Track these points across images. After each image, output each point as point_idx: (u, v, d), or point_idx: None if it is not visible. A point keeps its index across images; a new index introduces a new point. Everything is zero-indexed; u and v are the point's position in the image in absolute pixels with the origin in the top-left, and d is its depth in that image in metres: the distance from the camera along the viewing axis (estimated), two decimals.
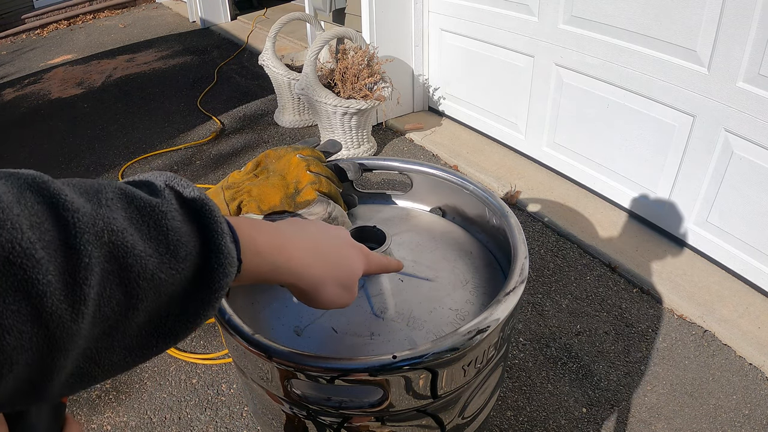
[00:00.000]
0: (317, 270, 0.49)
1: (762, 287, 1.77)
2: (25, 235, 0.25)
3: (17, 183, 0.27)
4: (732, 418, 1.44)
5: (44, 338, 0.26)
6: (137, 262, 0.30)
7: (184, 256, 0.33)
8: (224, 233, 0.36)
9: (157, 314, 0.33)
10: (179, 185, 0.36)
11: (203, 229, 0.35)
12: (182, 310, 0.34)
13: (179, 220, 0.34)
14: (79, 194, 0.30)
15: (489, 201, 0.82)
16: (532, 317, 1.76)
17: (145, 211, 0.32)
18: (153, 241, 0.32)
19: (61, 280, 0.26)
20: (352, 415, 0.62)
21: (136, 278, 0.30)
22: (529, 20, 2.28)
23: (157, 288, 0.32)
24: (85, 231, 0.28)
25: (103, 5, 6.01)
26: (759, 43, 1.55)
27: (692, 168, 1.87)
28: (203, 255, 0.35)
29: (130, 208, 0.32)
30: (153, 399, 1.55)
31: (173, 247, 0.33)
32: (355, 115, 2.49)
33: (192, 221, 0.35)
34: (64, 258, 0.27)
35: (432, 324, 0.67)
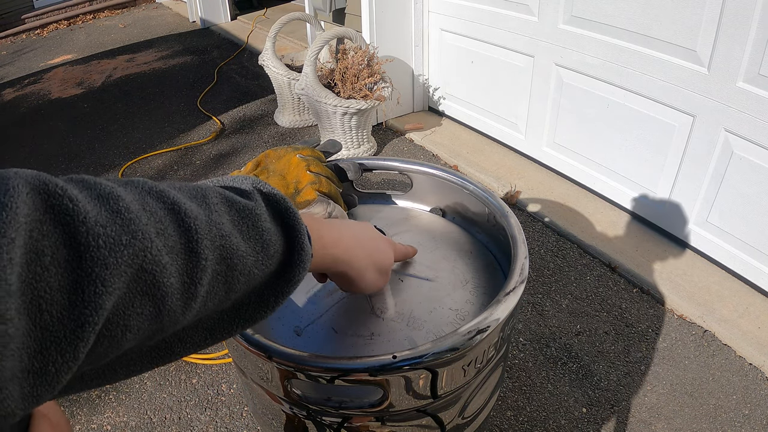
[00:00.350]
0: (363, 259, 0.55)
1: (762, 287, 1.77)
2: (154, 243, 0.27)
3: (137, 190, 0.30)
4: (732, 418, 1.44)
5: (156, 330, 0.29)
6: (240, 261, 0.34)
7: (273, 253, 0.37)
8: (304, 233, 0.40)
9: (240, 302, 0.36)
10: (265, 188, 0.40)
11: (287, 228, 0.40)
12: (261, 299, 0.38)
13: (269, 221, 0.38)
14: (191, 199, 0.33)
15: (489, 201, 0.82)
16: (532, 317, 1.76)
17: (244, 214, 0.36)
18: (251, 241, 0.35)
19: (180, 280, 0.29)
20: (352, 415, 0.62)
21: (238, 275, 0.34)
22: (529, 20, 2.28)
23: (249, 282, 0.35)
24: (204, 236, 0.31)
25: (103, 5, 6.01)
26: (759, 43, 1.55)
27: (692, 168, 1.87)
28: (287, 251, 0.39)
29: (232, 212, 0.35)
30: (153, 399, 1.55)
31: (266, 246, 0.37)
32: (355, 115, 2.49)
33: (278, 221, 0.39)
34: (184, 261, 0.29)
35: (432, 324, 0.67)
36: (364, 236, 0.57)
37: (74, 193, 0.25)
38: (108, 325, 0.25)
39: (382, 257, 0.59)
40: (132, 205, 0.27)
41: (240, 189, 0.39)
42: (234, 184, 0.40)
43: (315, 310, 0.69)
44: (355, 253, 0.53)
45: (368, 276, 0.56)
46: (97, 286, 0.24)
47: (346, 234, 0.53)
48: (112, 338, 0.25)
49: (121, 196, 0.27)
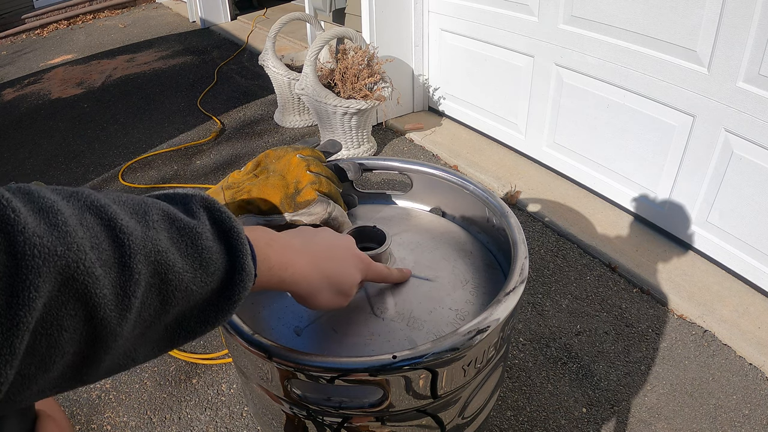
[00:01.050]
0: (315, 280, 0.55)
1: (762, 287, 1.77)
2: (88, 256, 0.30)
3: (78, 205, 0.32)
4: (732, 418, 1.44)
5: (93, 336, 0.31)
6: (176, 277, 0.35)
7: (213, 271, 0.39)
8: (247, 253, 0.41)
9: (182, 316, 0.38)
10: (213, 207, 0.42)
11: (230, 248, 0.41)
12: (203, 315, 0.40)
13: (211, 240, 0.39)
14: (130, 215, 0.34)
15: (489, 201, 0.82)
16: (532, 317, 1.76)
17: (184, 232, 0.37)
18: (189, 259, 0.37)
19: (114, 292, 0.31)
20: (352, 415, 0.62)
21: (173, 290, 0.35)
22: (529, 20, 2.28)
23: (188, 297, 0.37)
24: (138, 252, 0.33)
25: (103, 5, 6.01)
26: (759, 43, 1.55)
27: (692, 168, 1.87)
28: (228, 271, 0.40)
29: (172, 229, 0.37)
30: (153, 399, 1.55)
31: (205, 264, 0.38)
32: (355, 115, 2.49)
33: (221, 240, 0.41)
34: (117, 274, 0.32)
35: (432, 324, 0.67)
36: (329, 255, 0.57)
37: (17, 204, 0.27)
38: (43, 323, 0.28)
39: (342, 279, 0.58)
40: (70, 219, 0.30)
41: (187, 206, 0.41)
42: (183, 201, 0.41)
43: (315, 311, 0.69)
44: (306, 274, 0.53)
45: (321, 297, 0.56)
46: (30, 291, 0.26)
47: (304, 254, 0.53)
48: (49, 336, 0.28)
49: (60, 210, 0.30)
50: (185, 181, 2.60)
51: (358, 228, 0.77)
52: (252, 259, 0.43)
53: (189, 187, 2.55)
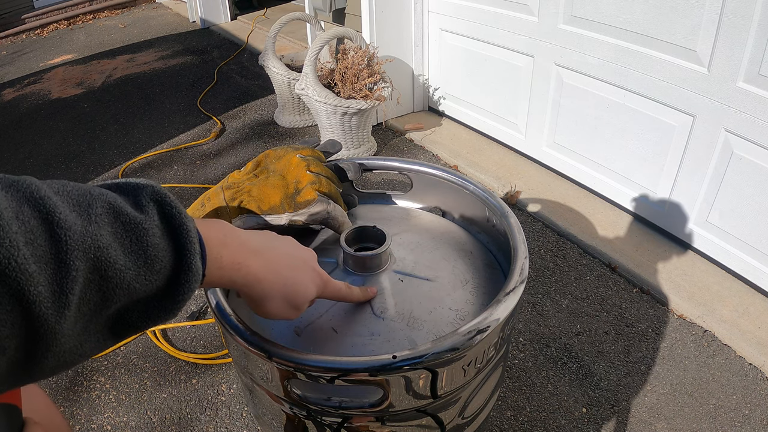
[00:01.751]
0: (267, 285, 0.52)
1: (762, 287, 1.77)
2: (21, 252, 0.28)
3: (17, 196, 0.31)
4: (732, 418, 1.44)
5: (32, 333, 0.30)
6: (117, 275, 0.34)
7: (159, 269, 0.37)
8: (195, 252, 0.40)
9: (125, 311, 0.37)
10: (164, 201, 0.40)
11: (179, 246, 0.39)
12: (146, 312, 0.38)
13: (159, 236, 0.38)
14: (71, 208, 0.33)
15: (489, 201, 0.82)
16: (532, 317, 1.76)
17: (129, 227, 0.36)
18: (133, 256, 0.35)
19: (50, 289, 0.30)
20: (352, 415, 0.62)
21: (114, 287, 0.34)
22: (529, 20, 2.28)
23: (130, 294, 0.36)
24: (75, 248, 0.31)
25: (103, 5, 6.01)
26: (759, 43, 1.55)
27: (692, 168, 1.87)
28: (175, 269, 0.39)
29: (116, 224, 0.35)
30: (153, 399, 1.55)
31: (150, 262, 0.36)
32: (355, 115, 2.49)
33: (170, 237, 0.39)
34: (53, 271, 0.30)
35: (432, 324, 0.67)
36: (286, 264, 0.55)
37: None
38: None
39: (296, 290, 0.55)
40: (5, 212, 0.29)
41: (137, 199, 0.39)
42: (133, 192, 0.39)
43: (315, 310, 0.69)
44: (259, 278, 0.51)
45: (272, 305, 0.54)
46: None
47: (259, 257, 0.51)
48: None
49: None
50: (185, 181, 2.60)
51: (358, 228, 0.77)
52: (201, 258, 0.41)
53: (189, 187, 2.55)
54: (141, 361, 1.67)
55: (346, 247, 0.73)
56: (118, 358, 1.68)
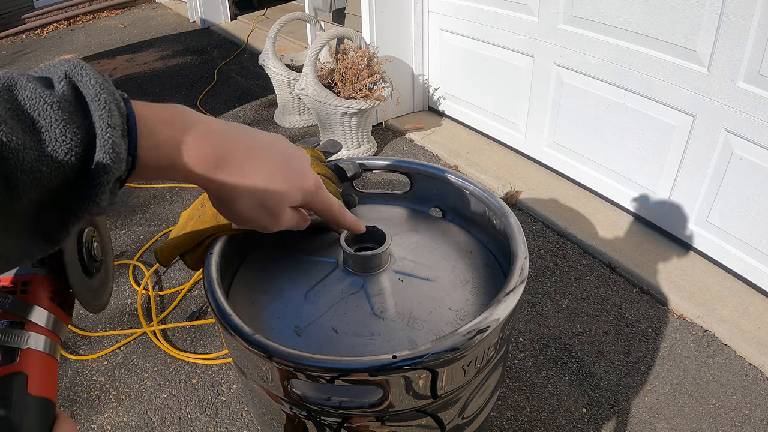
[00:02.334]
0: (228, 178, 0.43)
1: (762, 287, 1.77)
2: None
3: None
4: (732, 418, 1.44)
5: None
6: (14, 155, 0.30)
7: (68, 148, 0.32)
8: (114, 126, 0.34)
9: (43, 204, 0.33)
10: (78, 74, 0.35)
11: (92, 121, 0.34)
12: (67, 202, 0.34)
13: (68, 111, 0.33)
14: None
15: (489, 201, 0.82)
16: (532, 317, 1.76)
17: (31, 103, 0.32)
18: (35, 134, 0.31)
19: None
20: (352, 415, 0.62)
21: (15, 170, 0.30)
22: (529, 20, 2.28)
23: (39, 180, 0.31)
24: None
25: (103, 5, 6.01)
26: (759, 43, 1.55)
27: (692, 168, 1.87)
28: (90, 148, 0.34)
29: (15, 100, 0.31)
30: (153, 399, 1.55)
31: (56, 140, 0.32)
32: (355, 115, 2.49)
33: (83, 112, 0.34)
34: None
35: (432, 324, 0.67)
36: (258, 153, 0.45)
37: None
38: None
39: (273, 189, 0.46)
40: None
41: (48, 78, 0.34)
42: (45, 73, 0.35)
43: (315, 310, 0.69)
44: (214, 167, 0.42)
45: (241, 203, 0.45)
46: None
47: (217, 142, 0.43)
48: None
49: None
50: None
51: None
52: (126, 133, 0.36)
53: (189, 187, 2.55)
54: (141, 361, 1.67)
55: (346, 247, 0.73)
56: (118, 358, 1.68)
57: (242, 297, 0.74)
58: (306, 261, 0.78)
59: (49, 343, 0.39)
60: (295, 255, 0.80)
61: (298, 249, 0.81)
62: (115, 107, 0.35)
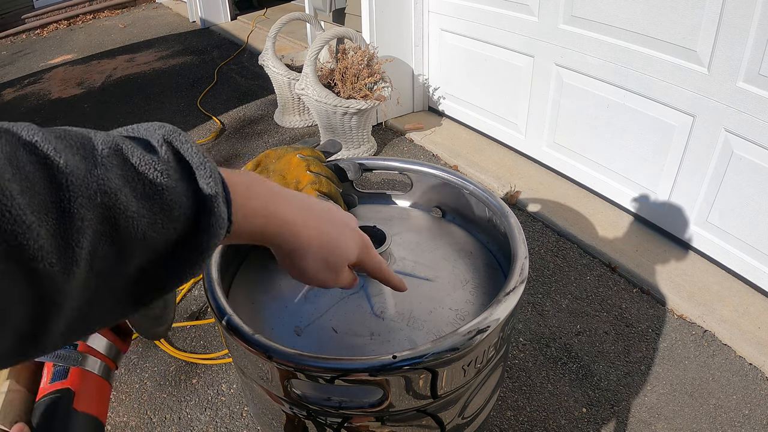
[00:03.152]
0: (304, 238, 0.47)
1: (762, 287, 1.77)
2: (15, 201, 0.25)
3: (11, 140, 0.27)
4: (732, 418, 1.44)
5: (37, 297, 0.26)
6: (130, 223, 0.30)
7: (177, 216, 0.33)
8: (218, 194, 0.35)
9: (147, 269, 0.33)
10: (177, 141, 0.35)
11: (199, 189, 0.35)
12: (170, 267, 0.34)
13: (175, 178, 0.33)
14: (74, 152, 0.29)
15: (489, 201, 0.82)
16: (532, 317, 1.76)
17: (141, 169, 0.32)
18: (147, 201, 0.31)
19: (53, 243, 0.26)
20: (352, 415, 0.62)
21: (128, 238, 0.30)
22: (529, 20, 2.28)
23: (148, 246, 0.32)
24: (79, 194, 0.28)
25: (103, 5, 6.01)
26: (759, 43, 1.55)
27: (692, 168, 1.87)
28: (197, 215, 0.35)
29: (125, 166, 0.31)
30: (153, 399, 1.55)
31: (167, 207, 0.32)
32: (355, 115, 2.49)
33: (188, 180, 0.35)
34: (56, 221, 0.27)
35: (432, 324, 0.67)
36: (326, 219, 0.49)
37: None
38: None
39: (336, 247, 0.49)
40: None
41: (147, 142, 0.35)
42: (143, 135, 0.35)
43: (315, 310, 0.69)
44: (296, 229, 0.46)
45: (308, 263, 0.48)
46: None
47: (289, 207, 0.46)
48: None
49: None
50: None
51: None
52: (226, 203, 0.37)
53: None
54: (141, 361, 1.67)
55: None
56: None
57: (242, 297, 0.74)
58: None
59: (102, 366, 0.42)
60: None
61: None
62: (218, 175, 0.36)
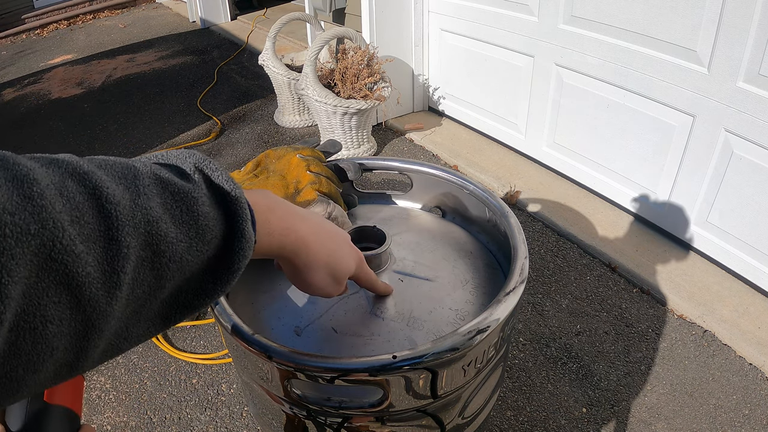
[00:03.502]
0: (314, 253, 0.51)
1: (762, 287, 1.77)
2: (66, 232, 0.26)
3: (59, 172, 0.28)
4: (732, 418, 1.44)
5: (82, 323, 0.27)
6: (169, 248, 0.32)
7: (210, 239, 0.36)
8: (247, 218, 0.38)
9: (179, 289, 0.35)
10: (208, 169, 0.38)
11: (229, 213, 0.38)
12: (201, 287, 0.37)
13: (208, 204, 0.36)
14: (117, 182, 0.31)
15: (489, 201, 0.82)
16: (532, 317, 1.76)
17: (178, 197, 0.34)
18: (184, 226, 0.34)
19: (99, 269, 0.28)
20: (352, 415, 0.62)
21: (168, 262, 0.32)
22: (529, 20, 2.28)
23: (183, 268, 0.34)
24: (126, 223, 0.29)
25: (103, 5, 6.01)
26: (759, 43, 1.55)
27: (692, 168, 1.87)
28: (227, 237, 0.37)
29: (164, 194, 0.33)
30: (153, 399, 1.55)
31: (201, 231, 0.35)
32: (355, 115, 2.49)
33: (219, 205, 0.37)
34: (103, 249, 0.28)
35: (432, 324, 0.67)
36: (331, 234, 0.54)
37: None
38: (24, 316, 0.25)
39: (340, 263, 0.54)
40: (47, 190, 0.26)
41: (180, 169, 0.37)
42: (175, 162, 0.38)
43: (315, 310, 0.69)
44: (308, 244, 0.50)
45: (317, 275, 0.52)
46: (2, 276, 0.23)
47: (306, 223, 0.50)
48: (33, 330, 0.25)
49: (36, 180, 0.26)
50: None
51: (358, 228, 0.77)
52: (252, 224, 0.40)
53: None
54: (141, 361, 1.67)
55: None
56: (118, 358, 1.68)
57: (242, 297, 0.74)
58: None
59: None
60: None
61: None
62: (244, 200, 0.39)
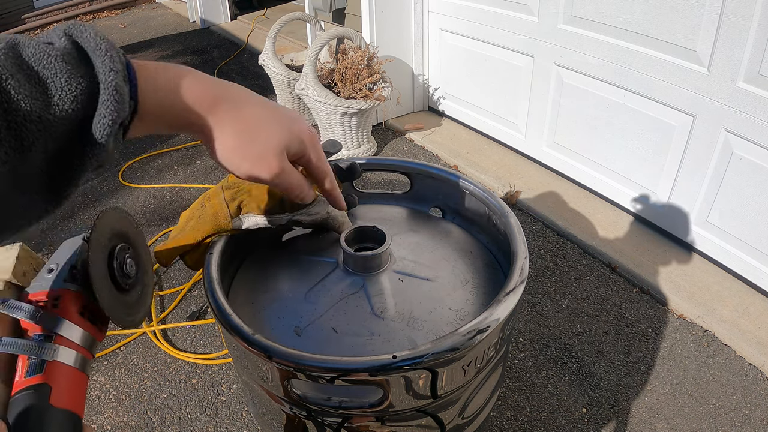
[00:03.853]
0: (224, 114, 0.45)
1: (762, 287, 1.77)
2: None
3: None
4: (732, 418, 1.44)
5: None
6: (22, 106, 0.31)
7: (74, 96, 0.34)
8: (117, 71, 0.36)
9: (54, 156, 0.34)
10: (78, 30, 0.37)
11: (94, 68, 0.36)
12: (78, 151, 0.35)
13: (71, 62, 0.34)
14: None
15: (489, 201, 0.82)
16: (532, 317, 1.76)
17: (35, 57, 0.33)
18: (41, 85, 0.33)
19: None
20: (352, 415, 0.62)
21: (23, 121, 0.31)
22: (529, 20, 2.28)
23: (47, 129, 0.33)
24: None
25: (103, 5, 6.01)
26: (759, 43, 1.55)
27: (692, 168, 1.87)
28: (95, 93, 0.35)
29: (21, 56, 0.33)
30: (153, 399, 1.55)
31: (63, 89, 0.33)
32: (355, 115, 2.49)
33: (85, 61, 0.36)
34: None
35: (432, 324, 0.67)
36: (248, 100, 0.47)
37: None
38: None
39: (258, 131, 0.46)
40: None
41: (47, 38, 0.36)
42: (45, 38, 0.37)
43: (315, 310, 0.69)
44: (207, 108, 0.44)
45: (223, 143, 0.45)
46: None
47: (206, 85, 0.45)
48: None
49: None
50: (185, 181, 2.59)
51: (358, 228, 0.77)
52: (128, 80, 0.38)
53: (189, 187, 2.55)
54: (141, 361, 1.67)
55: (347, 247, 0.73)
56: (118, 358, 1.68)
57: (242, 297, 0.74)
58: (306, 261, 0.78)
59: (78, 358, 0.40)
60: (295, 255, 0.80)
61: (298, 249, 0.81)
62: (116, 54, 0.37)
